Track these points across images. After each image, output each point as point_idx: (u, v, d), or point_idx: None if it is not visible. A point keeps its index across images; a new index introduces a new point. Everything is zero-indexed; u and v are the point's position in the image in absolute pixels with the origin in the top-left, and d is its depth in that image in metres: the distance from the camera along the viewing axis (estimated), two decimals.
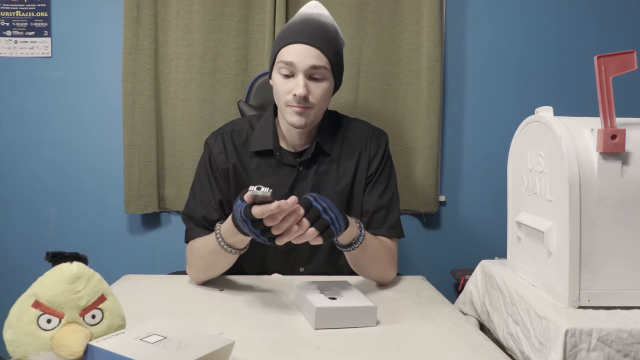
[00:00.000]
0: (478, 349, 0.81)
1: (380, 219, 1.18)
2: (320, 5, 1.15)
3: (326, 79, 1.11)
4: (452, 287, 2.01)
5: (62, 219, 1.99)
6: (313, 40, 1.08)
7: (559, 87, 2.02)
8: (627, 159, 0.89)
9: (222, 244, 1.01)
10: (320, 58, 1.08)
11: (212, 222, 1.15)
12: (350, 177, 1.20)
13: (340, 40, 1.15)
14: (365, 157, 1.21)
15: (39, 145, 1.96)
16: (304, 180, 1.19)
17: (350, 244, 1.03)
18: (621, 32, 2.02)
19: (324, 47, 1.09)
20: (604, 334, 0.80)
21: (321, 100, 1.11)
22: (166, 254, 1.98)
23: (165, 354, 0.61)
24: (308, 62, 1.07)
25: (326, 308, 0.87)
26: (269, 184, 1.18)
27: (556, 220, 0.92)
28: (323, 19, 1.12)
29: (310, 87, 1.09)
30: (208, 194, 1.17)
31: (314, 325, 0.86)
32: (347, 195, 1.20)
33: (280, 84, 1.10)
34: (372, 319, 0.89)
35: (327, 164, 1.20)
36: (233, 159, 1.18)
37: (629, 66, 0.90)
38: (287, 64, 1.08)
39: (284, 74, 1.09)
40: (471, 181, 2.05)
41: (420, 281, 1.20)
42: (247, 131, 1.21)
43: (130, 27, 1.84)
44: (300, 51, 1.07)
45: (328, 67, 1.10)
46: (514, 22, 2.01)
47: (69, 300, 0.62)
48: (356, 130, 1.24)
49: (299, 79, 1.08)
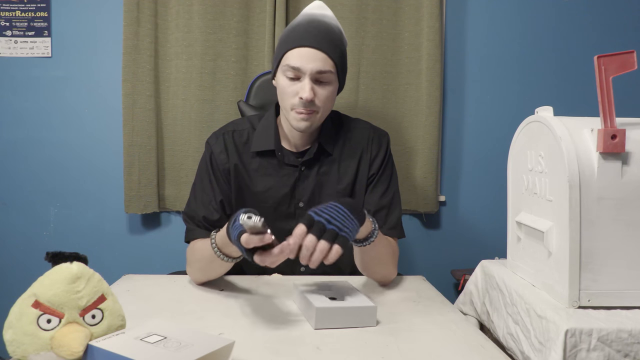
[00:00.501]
0: (478, 349, 0.81)
1: (381, 219, 1.18)
2: (325, 6, 1.15)
3: (332, 83, 1.11)
4: (452, 287, 2.01)
5: (62, 219, 1.99)
6: (319, 44, 1.07)
7: (559, 87, 2.02)
8: (627, 159, 0.89)
9: (218, 252, 1.00)
10: (327, 62, 1.08)
11: (213, 222, 1.15)
12: (351, 177, 1.20)
13: (344, 41, 1.15)
14: (366, 157, 1.22)
15: (39, 145, 1.96)
16: (305, 180, 1.19)
17: (367, 238, 1.01)
18: (621, 32, 2.02)
19: (330, 51, 1.08)
20: (604, 334, 0.80)
21: (326, 103, 1.11)
22: (166, 254, 1.98)
23: (165, 354, 0.61)
24: (315, 66, 1.07)
25: (326, 308, 0.87)
26: (271, 184, 1.18)
27: (556, 220, 0.92)
28: (327, 19, 1.11)
29: (316, 90, 1.09)
30: (209, 194, 1.17)
31: (314, 326, 0.86)
32: (348, 194, 1.20)
33: (286, 86, 1.10)
34: (372, 319, 0.89)
35: (328, 164, 1.20)
36: (234, 158, 1.18)
37: (629, 66, 0.90)
38: (294, 68, 1.07)
39: (290, 77, 1.09)
40: (471, 181, 2.05)
41: (420, 281, 1.20)
42: (249, 131, 1.21)
43: (130, 27, 1.84)
44: (307, 55, 1.07)
45: (334, 70, 1.10)
46: (513, 22, 2.01)
47: (69, 300, 0.62)
48: (358, 131, 1.24)
49: (305, 82, 1.07)
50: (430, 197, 1.95)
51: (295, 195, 1.19)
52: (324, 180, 1.19)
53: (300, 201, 1.19)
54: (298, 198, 1.19)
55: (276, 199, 1.19)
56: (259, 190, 1.18)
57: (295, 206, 1.19)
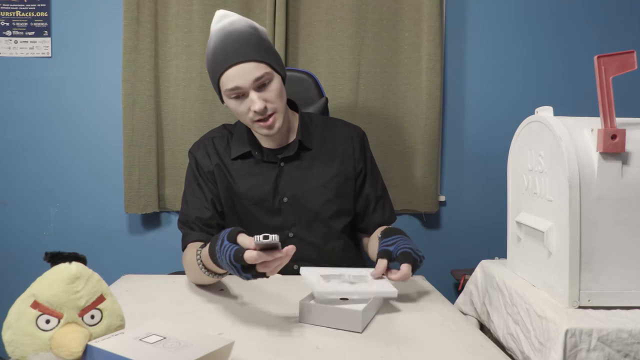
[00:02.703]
0: (478, 349, 0.81)
1: (381, 207, 1.28)
2: (227, 13, 1.13)
3: (273, 79, 1.11)
4: (452, 287, 2.01)
5: (62, 219, 1.99)
6: (244, 55, 1.07)
7: (559, 87, 2.02)
8: (627, 159, 0.89)
9: (204, 270, 0.98)
10: (259, 67, 1.08)
11: (205, 220, 1.18)
12: (335, 170, 1.23)
13: (262, 34, 1.13)
14: (350, 152, 1.26)
15: (39, 145, 1.96)
16: (287, 176, 1.21)
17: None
18: (621, 32, 2.02)
19: (255, 55, 1.08)
20: (604, 334, 0.80)
21: (278, 100, 1.12)
22: (166, 254, 1.98)
23: (164, 354, 0.60)
24: (251, 77, 1.07)
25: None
26: (253, 183, 1.20)
27: (556, 220, 0.92)
28: (236, 25, 1.09)
29: (263, 95, 1.10)
30: (199, 196, 1.21)
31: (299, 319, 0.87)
32: (333, 188, 1.23)
33: (237, 106, 1.11)
34: (358, 322, 0.85)
35: (309, 159, 1.23)
36: (216, 160, 1.22)
37: (629, 66, 0.90)
38: (233, 89, 1.08)
39: (235, 97, 1.10)
40: (471, 181, 2.04)
41: (420, 281, 1.20)
42: (227, 137, 1.25)
43: (130, 27, 1.84)
44: (239, 72, 1.07)
45: (269, 69, 1.10)
46: (513, 22, 2.01)
47: (68, 301, 0.62)
48: (336, 126, 1.29)
49: (251, 95, 1.09)
50: (430, 197, 1.95)
51: (278, 190, 1.21)
52: (306, 175, 1.22)
53: (284, 196, 1.21)
54: (282, 193, 1.21)
55: (260, 195, 1.21)
56: (242, 189, 1.21)
57: (279, 202, 1.21)
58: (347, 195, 1.25)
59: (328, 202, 1.22)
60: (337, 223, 1.24)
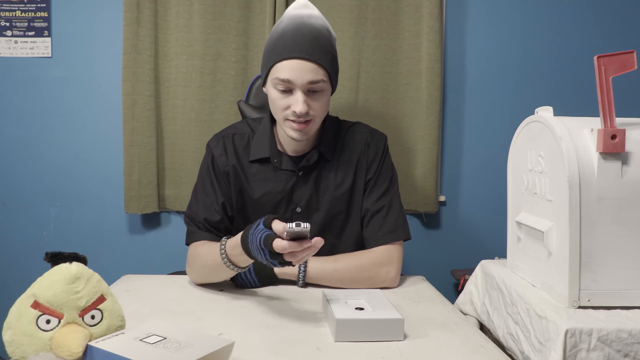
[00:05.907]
0: (478, 349, 0.81)
1: (378, 222, 1.17)
2: (309, 4, 1.09)
3: (324, 91, 1.08)
4: (452, 287, 2.01)
5: (62, 219, 1.99)
6: (309, 54, 1.03)
7: (559, 87, 2.02)
8: (627, 159, 0.89)
9: (226, 260, 0.98)
10: (318, 72, 1.04)
11: (214, 223, 1.15)
12: (349, 182, 1.19)
13: (333, 41, 1.11)
14: (363, 162, 1.20)
15: (39, 145, 1.96)
16: (303, 186, 1.18)
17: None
18: (621, 32, 2.02)
19: (320, 59, 1.04)
20: (604, 334, 0.80)
21: (321, 111, 1.10)
22: (166, 254, 1.98)
23: (164, 355, 0.60)
24: (306, 78, 1.03)
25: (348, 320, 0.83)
26: (268, 189, 1.18)
27: (556, 220, 0.92)
28: (314, 20, 1.06)
29: (309, 102, 1.06)
30: (210, 196, 1.18)
31: (335, 338, 0.83)
32: (346, 200, 1.19)
33: (278, 99, 1.07)
34: (400, 332, 0.84)
35: (327, 170, 1.19)
36: (233, 161, 1.18)
37: (629, 66, 0.90)
38: (284, 81, 1.04)
39: (281, 89, 1.05)
40: (471, 181, 2.04)
41: (420, 281, 1.20)
42: (249, 135, 1.20)
43: (130, 27, 1.84)
44: (297, 67, 1.02)
45: (326, 78, 1.06)
46: (514, 22, 2.01)
47: (68, 301, 0.62)
48: (356, 135, 1.22)
49: (298, 95, 1.04)
50: (430, 197, 1.95)
51: (293, 199, 1.18)
52: (321, 185, 1.19)
53: (297, 206, 1.18)
54: (296, 203, 1.18)
55: (274, 203, 1.18)
56: (257, 194, 1.18)
57: (292, 211, 1.19)
58: (358, 207, 1.20)
59: (340, 213, 1.19)
60: (347, 234, 1.21)
